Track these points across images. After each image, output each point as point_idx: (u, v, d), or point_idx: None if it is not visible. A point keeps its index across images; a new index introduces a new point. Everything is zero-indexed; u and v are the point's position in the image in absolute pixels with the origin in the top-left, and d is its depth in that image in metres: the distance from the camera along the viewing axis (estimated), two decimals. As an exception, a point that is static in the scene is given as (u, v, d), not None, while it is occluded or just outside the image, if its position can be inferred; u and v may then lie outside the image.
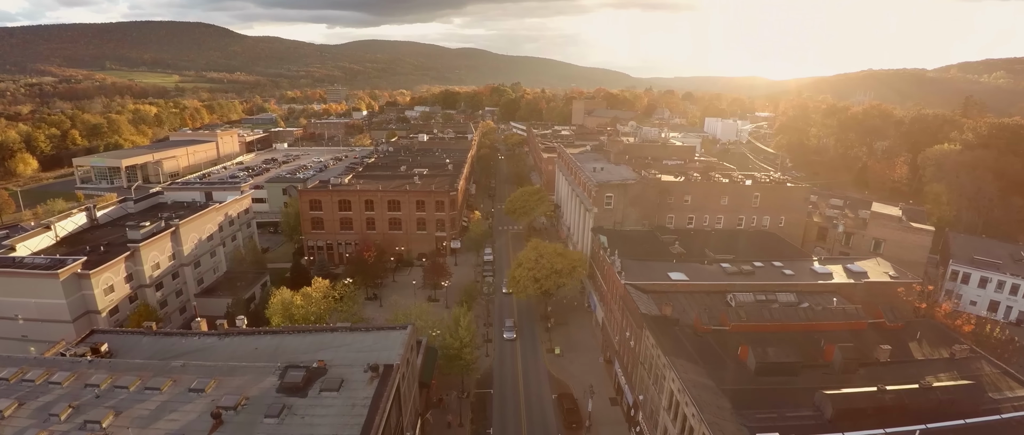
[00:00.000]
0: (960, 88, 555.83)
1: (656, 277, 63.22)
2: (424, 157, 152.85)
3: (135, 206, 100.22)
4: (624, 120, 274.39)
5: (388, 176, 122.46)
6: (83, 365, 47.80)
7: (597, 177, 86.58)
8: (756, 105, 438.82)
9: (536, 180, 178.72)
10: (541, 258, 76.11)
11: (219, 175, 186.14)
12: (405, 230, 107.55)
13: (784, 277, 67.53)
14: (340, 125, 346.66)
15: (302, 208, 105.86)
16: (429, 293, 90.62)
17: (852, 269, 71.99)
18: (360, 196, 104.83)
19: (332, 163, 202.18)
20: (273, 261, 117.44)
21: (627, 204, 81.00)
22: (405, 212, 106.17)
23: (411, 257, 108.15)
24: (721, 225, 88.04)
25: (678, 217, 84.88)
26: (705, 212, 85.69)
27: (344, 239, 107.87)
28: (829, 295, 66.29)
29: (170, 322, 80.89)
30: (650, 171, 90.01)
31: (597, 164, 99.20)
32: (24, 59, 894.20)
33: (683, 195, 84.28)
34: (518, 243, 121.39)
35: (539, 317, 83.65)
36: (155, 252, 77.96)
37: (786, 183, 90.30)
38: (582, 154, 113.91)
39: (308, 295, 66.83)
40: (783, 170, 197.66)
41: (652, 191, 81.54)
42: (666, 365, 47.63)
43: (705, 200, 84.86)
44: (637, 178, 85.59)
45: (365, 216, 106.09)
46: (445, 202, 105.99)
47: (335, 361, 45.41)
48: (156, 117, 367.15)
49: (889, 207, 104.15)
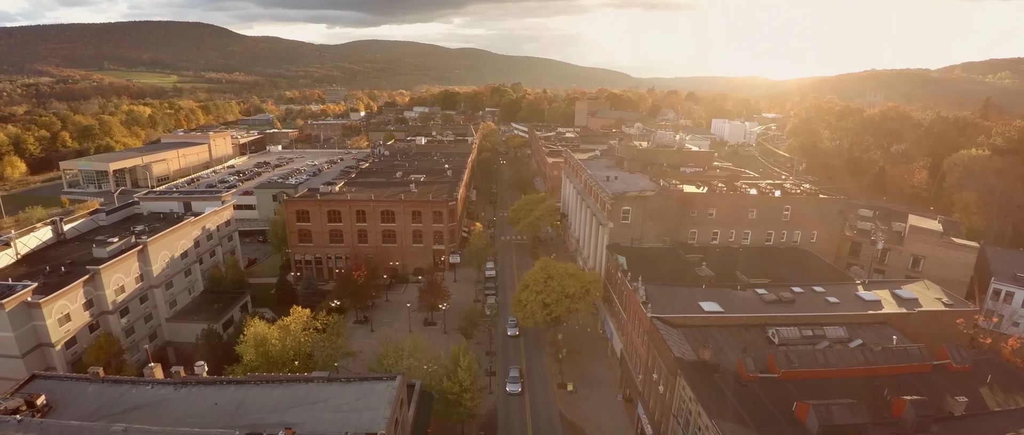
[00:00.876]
0: (966, 88, 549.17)
1: (686, 308, 55.00)
2: (422, 162, 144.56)
3: (107, 218, 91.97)
4: (630, 121, 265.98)
5: (383, 183, 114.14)
6: (11, 426, 39.83)
7: (611, 188, 78.33)
8: (762, 106, 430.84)
9: (540, 185, 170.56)
10: (550, 280, 67.86)
11: (208, 180, 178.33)
12: (400, 243, 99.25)
13: (829, 306, 59.35)
14: (337, 126, 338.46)
15: (289, 219, 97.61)
16: (426, 316, 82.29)
17: (901, 295, 63.80)
18: (351, 206, 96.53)
19: (326, 167, 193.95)
20: (259, 275, 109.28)
21: (646, 218, 72.76)
22: (400, 224, 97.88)
23: (407, 272, 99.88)
24: (748, 241, 79.77)
25: (701, 232, 76.60)
26: (731, 227, 77.42)
27: (334, 252, 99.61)
28: (879, 326, 58.29)
29: (138, 351, 72.77)
30: (669, 181, 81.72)
31: (610, 172, 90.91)
32: (22, 59, 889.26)
33: (707, 208, 76.04)
34: (522, 256, 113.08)
35: (548, 344, 75.41)
36: (119, 275, 69.66)
37: (818, 194, 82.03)
38: (592, 160, 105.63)
39: (286, 327, 58.47)
40: (797, 174, 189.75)
41: (674, 204, 73.31)
42: (710, 428, 39.33)
43: (731, 214, 76.61)
44: (656, 189, 77.30)
45: (356, 228, 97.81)
46: (443, 213, 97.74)
47: (307, 426, 37.17)
48: (150, 118, 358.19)
49: (926, 220, 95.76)
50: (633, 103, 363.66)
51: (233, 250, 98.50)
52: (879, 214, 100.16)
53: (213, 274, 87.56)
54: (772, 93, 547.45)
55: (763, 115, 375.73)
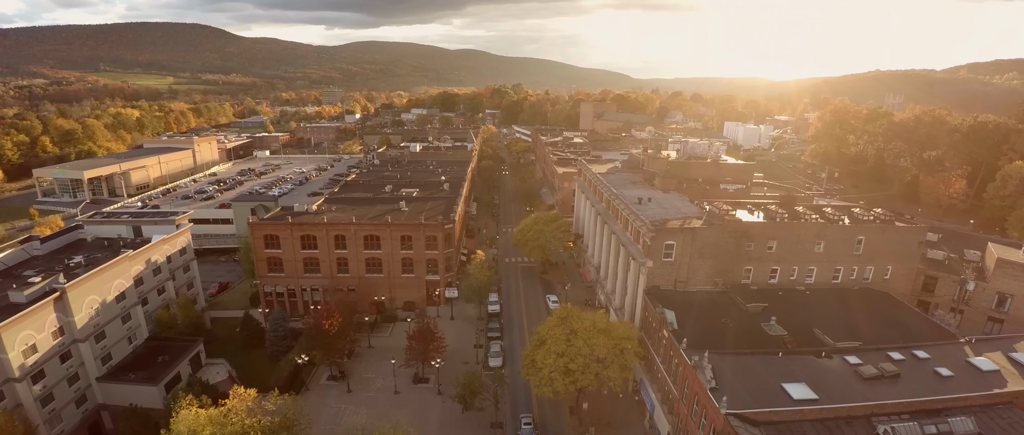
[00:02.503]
0: (974, 90, 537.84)
1: (768, 392, 40.35)
2: (416, 173, 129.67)
3: (42, 247, 76.99)
4: (639, 125, 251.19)
5: (369, 200, 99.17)
6: None
7: (647, 213, 63.47)
8: (772, 108, 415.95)
9: (547, 197, 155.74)
10: (573, 336, 53.18)
11: (185, 190, 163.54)
12: (387, 273, 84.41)
13: (941, 382, 44.75)
14: (331, 129, 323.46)
15: (255, 245, 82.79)
16: (416, 369, 67.45)
17: (1020, 360, 49.17)
18: (328, 230, 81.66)
19: (314, 174, 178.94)
20: (227, 306, 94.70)
21: (694, 255, 58.00)
22: (387, 251, 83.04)
23: (395, 307, 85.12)
24: (812, 279, 64.91)
25: (757, 270, 61.81)
26: (793, 263, 62.63)
27: (309, 284, 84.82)
28: (1004, 409, 43.73)
29: (61, 421, 58.21)
30: (714, 204, 66.76)
31: (638, 191, 76.05)
32: (17, 61, 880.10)
33: (767, 240, 61.26)
34: (531, 283, 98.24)
35: (569, 412, 60.67)
36: (29, 331, 54.87)
37: (895, 222, 67.16)
38: (614, 174, 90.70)
39: (226, 416, 43.62)
40: (827, 186, 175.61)
41: (729, 237, 58.56)
42: None
43: (794, 247, 61.86)
44: (703, 216, 62.45)
45: (335, 256, 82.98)
46: (438, 238, 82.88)
47: None
48: (138, 122, 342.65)
49: (1007, 248, 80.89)
50: (640, 105, 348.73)
51: (190, 283, 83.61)
52: (944, 238, 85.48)
53: (160, 317, 72.71)
54: (771, 94, 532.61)
55: (775, 117, 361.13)
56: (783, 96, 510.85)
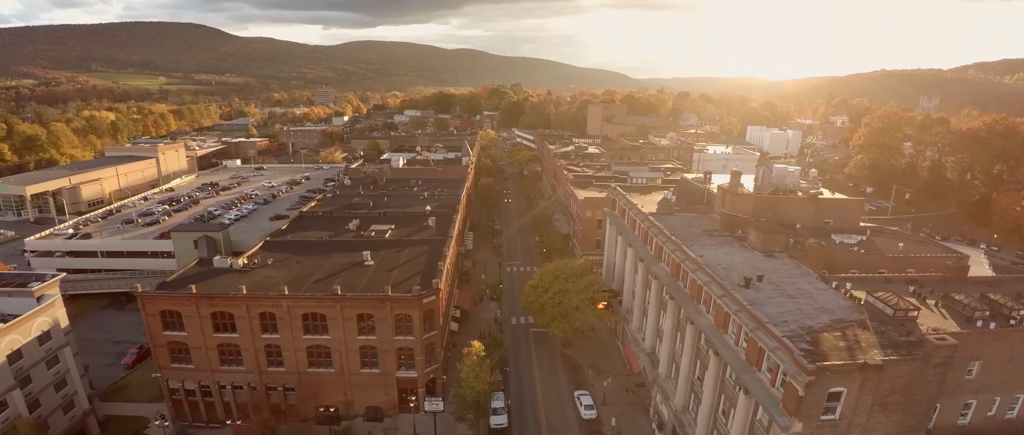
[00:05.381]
0: (986, 90, 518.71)
1: None
2: (395, 198, 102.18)
3: None
4: (658, 129, 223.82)
5: (321, 247, 71.68)
6: None
7: (768, 311, 36.30)
8: (790, 110, 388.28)
9: (560, 224, 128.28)
10: None
11: (127, 213, 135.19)
12: (339, 367, 57.09)
13: None
14: (315, 133, 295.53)
15: (150, 326, 55.62)
16: None
17: None
18: (249, 307, 54.31)
19: (285, 190, 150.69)
20: (129, 397, 67.47)
21: (875, 407, 31.02)
22: (337, 335, 55.65)
23: (352, 415, 57.98)
24: (1015, 413, 38.08)
25: (946, 406, 34.96)
26: (996, 392, 35.87)
27: (229, 379, 57.69)
28: None
29: None
30: (879, 294, 39.20)
31: (726, 253, 48.81)
32: (8, 61, 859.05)
33: (967, 362, 34.52)
34: (550, 367, 70.58)
35: None
36: None
37: None
38: (671, 215, 63.29)
39: None
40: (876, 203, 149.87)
41: (931, 371, 31.57)
42: None
43: (1003, 368, 35.11)
44: (862, 318, 35.36)
45: (263, 342, 55.78)
46: (414, 317, 55.42)
47: None
48: (112, 125, 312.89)
49: None
50: (652, 106, 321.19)
51: (61, 381, 56.04)
52: None
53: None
54: (771, 94, 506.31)
55: (797, 121, 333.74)
56: (783, 96, 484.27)
